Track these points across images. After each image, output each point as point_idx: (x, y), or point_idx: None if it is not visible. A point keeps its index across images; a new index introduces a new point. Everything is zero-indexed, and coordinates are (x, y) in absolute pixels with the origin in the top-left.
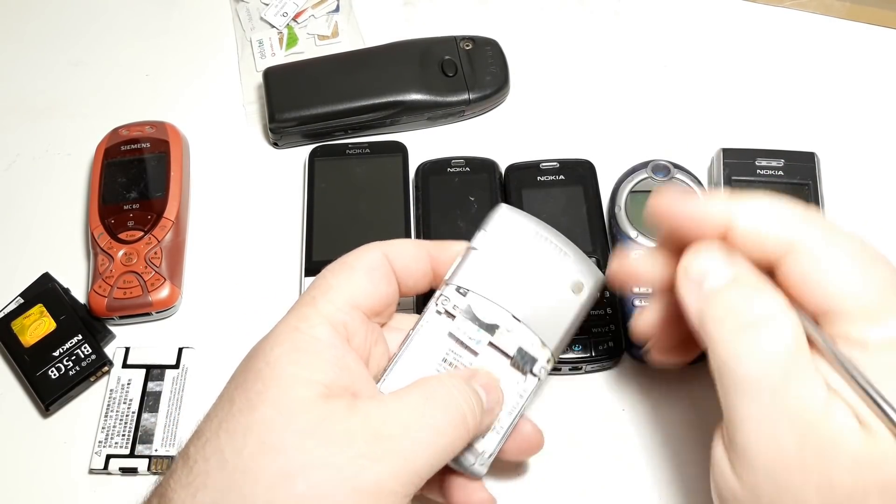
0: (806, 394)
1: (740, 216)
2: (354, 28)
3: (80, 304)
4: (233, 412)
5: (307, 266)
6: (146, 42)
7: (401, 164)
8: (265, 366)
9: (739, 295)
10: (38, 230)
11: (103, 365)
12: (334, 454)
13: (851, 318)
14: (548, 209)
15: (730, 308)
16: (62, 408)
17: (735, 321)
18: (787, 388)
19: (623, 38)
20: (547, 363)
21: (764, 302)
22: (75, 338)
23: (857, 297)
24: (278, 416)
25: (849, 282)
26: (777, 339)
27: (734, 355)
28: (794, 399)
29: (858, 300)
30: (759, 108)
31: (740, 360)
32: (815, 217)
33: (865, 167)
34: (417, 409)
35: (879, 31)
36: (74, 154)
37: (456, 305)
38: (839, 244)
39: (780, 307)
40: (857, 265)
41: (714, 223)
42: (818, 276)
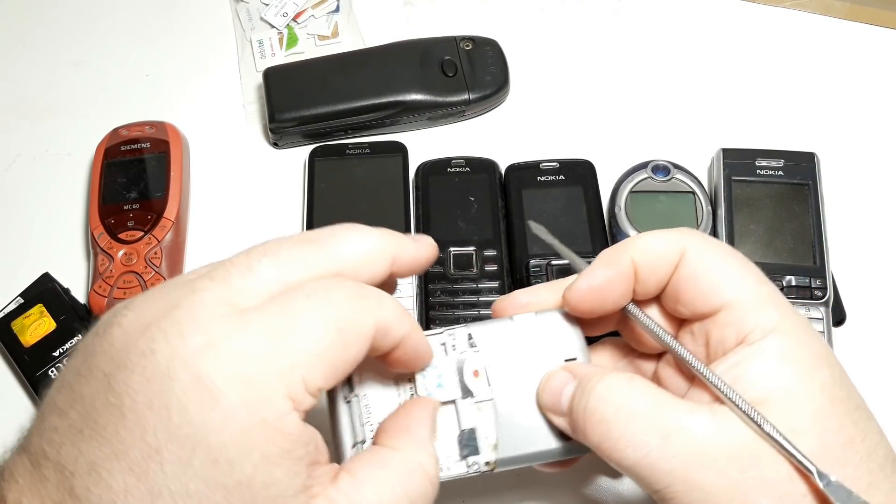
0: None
1: (637, 246)
2: (354, 28)
3: (80, 304)
4: None
5: None
6: (146, 42)
7: (401, 164)
8: None
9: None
10: (38, 230)
11: None
12: None
13: (742, 308)
14: (547, 209)
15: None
16: None
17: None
18: (676, 438)
19: (623, 38)
20: (485, 465)
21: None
22: (75, 338)
23: (742, 290)
24: None
25: (734, 277)
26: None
27: (622, 448)
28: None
29: (743, 293)
30: (759, 109)
31: (625, 453)
32: (691, 230)
33: (865, 167)
34: None
35: (879, 31)
36: (75, 154)
37: (455, 346)
38: (717, 247)
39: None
40: (735, 264)
41: (623, 269)
42: (707, 275)
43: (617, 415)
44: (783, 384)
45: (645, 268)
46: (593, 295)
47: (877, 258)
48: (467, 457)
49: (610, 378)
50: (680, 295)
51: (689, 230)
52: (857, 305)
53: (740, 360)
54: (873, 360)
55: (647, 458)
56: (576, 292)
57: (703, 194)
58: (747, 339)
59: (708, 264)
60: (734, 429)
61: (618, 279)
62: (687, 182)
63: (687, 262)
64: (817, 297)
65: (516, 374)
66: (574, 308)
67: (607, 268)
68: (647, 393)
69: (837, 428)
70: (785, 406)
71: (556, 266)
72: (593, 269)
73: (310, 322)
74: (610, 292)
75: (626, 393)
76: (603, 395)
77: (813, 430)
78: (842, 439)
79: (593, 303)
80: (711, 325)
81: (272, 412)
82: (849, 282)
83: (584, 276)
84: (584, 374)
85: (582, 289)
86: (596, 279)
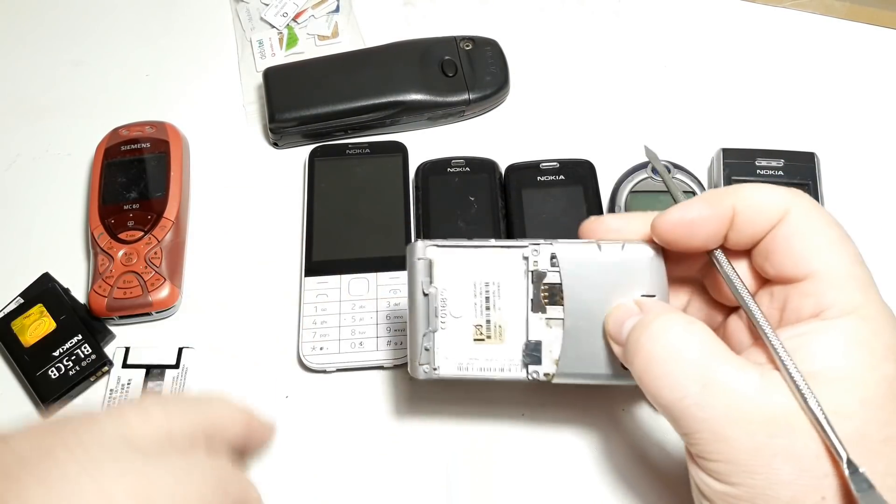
0: (738, 386)
1: (743, 194)
2: (354, 28)
3: (80, 304)
4: None
5: (307, 266)
6: (146, 42)
7: (401, 164)
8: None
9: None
10: (38, 230)
11: (103, 365)
12: None
13: (827, 282)
14: (547, 209)
15: (639, 350)
16: (62, 408)
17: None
18: (715, 389)
19: (623, 38)
20: (544, 375)
21: (660, 328)
22: (75, 338)
23: (833, 264)
24: None
25: (829, 249)
26: (690, 352)
27: (660, 387)
28: (729, 397)
29: (834, 267)
30: (759, 109)
31: (661, 391)
32: (802, 193)
33: (865, 167)
34: None
35: (879, 31)
36: (75, 154)
37: (537, 262)
38: (822, 217)
39: (676, 324)
40: (834, 237)
41: (721, 212)
42: (803, 241)
43: (663, 354)
44: (842, 364)
45: (744, 217)
46: (684, 228)
47: (877, 258)
48: (528, 365)
49: (668, 317)
50: (770, 254)
51: (799, 192)
52: None
53: (809, 331)
54: None
55: (682, 402)
56: (666, 222)
57: None
58: (824, 314)
59: (807, 230)
60: (777, 394)
61: (712, 219)
62: (687, 182)
63: (787, 223)
64: None
65: (592, 299)
66: (660, 237)
67: (705, 205)
68: (701, 340)
69: (884, 422)
70: (836, 385)
71: None
72: (691, 203)
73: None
74: (701, 230)
75: (679, 335)
76: (655, 332)
77: (858, 415)
78: (885, 434)
79: (682, 236)
80: (793, 292)
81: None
82: None
83: (679, 207)
84: (647, 308)
85: (673, 219)
86: (690, 213)
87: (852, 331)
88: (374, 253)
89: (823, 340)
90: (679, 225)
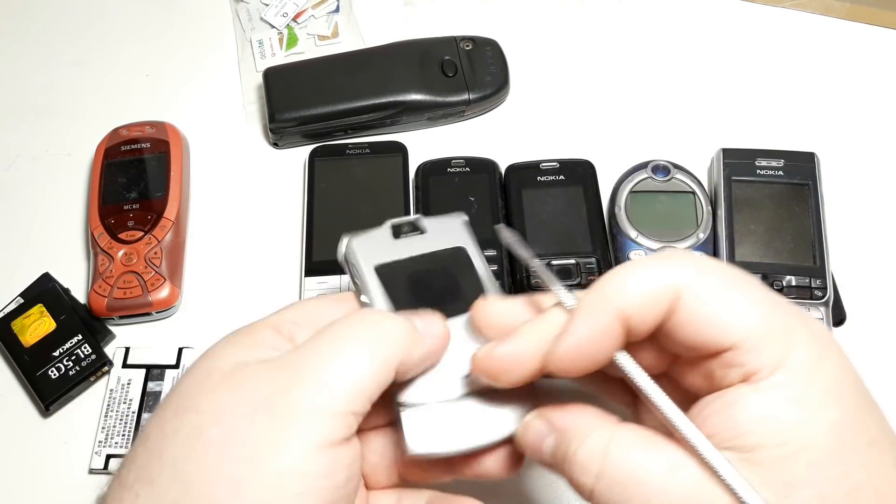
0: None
1: (624, 297)
2: (354, 28)
3: (80, 304)
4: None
5: (307, 266)
6: (146, 42)
7: (401, 164)
8: None
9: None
10: (38, 230)
11: (103, 365)
12: (246, 394)
13: (747, 348)
14: (548, 209)
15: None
16: (62, 408)
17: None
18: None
19: (623, 38)
20: None
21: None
22: (75, 338)
23: (747, 327)
24: (192, 382)
25: (738, 314)
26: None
27: None
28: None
29: (749, 330)
30: (759, 109)
31: None
32: (686, 256)
33: (865, 167)
34: (330, 331)
35: (879, 31)
36: (75, 154)
37: None
38: (718, 281)
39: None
40: (739, 297)
41: (606, 328)
42: (707, 318)
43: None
44: (778, 429)
45: (635, 318)
46: (578, 362)
47: (877, 258)
48: None
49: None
50: (676, 338)
51: (682, 259)
52: (858, 305)
53: (735, 400)
54: (874, 360)
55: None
56: (559, 361)
57: (703, 194)
58: (751, 379)
59: (707, 305)
60: (684, 472)
61: (603, 337)
62: (687, 182)
63: (683, 303)
64: (817, 297)
65: None
66: (559, 374)
67: (590, 324)
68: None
69: (841, 476)
70: (778, 455)
71: (556, 266)
72: (575, 329)
73: None
74: (596, 352)
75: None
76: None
77: (810, 481)
78: (846, 488)
79: (579, 366)
80: (714, 363)
81: None
82: (849, 282)
83: (566, 339)
84: (563, 427)
85: (565, 358)
86: (577, 342)
87: (781, 389)
88: None
89: (751, 408)
90: (573, 362)
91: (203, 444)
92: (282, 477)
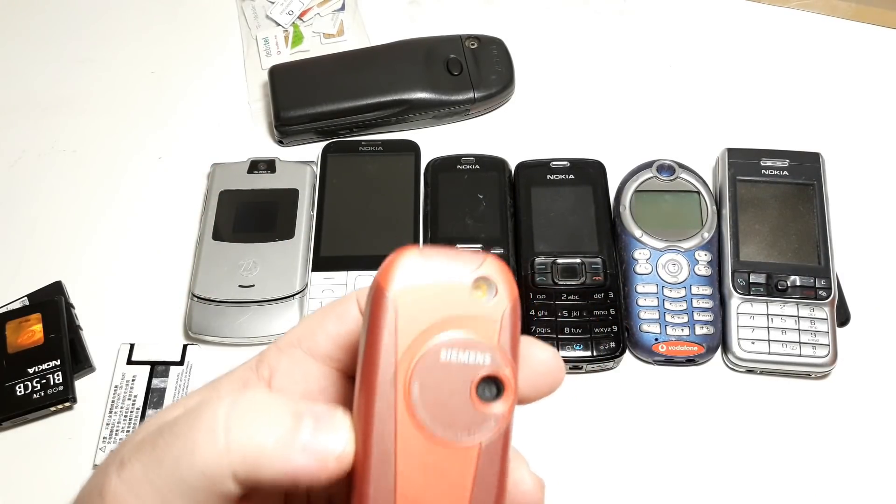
0: None
1: None
2: (360, 26)
3: (76, 324)
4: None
5: (314, 261)
6: (152, 40)
7: (413, 163)
8: None
9: None
10: (42, 226)
11: (66, 400)
12: None
13: None
14: (556, 208)
15: None
16: (14, 427)
17: None
18: None
19: (628, 37)
20: None
21: None
22: (54, 361)
23: None
24: None
25: None
26: None
27: None
28: None
29: None
30: (765, 109)
31: None
32: None
33: (870, 168)
34: None
35: (885, 32)
36: (80, 151)
37: None
38: None
39: None
40: None
41: None
42: None
43: None
44: None
45: None
46: None
47: (881, 258)
48: None
49: None
50: None
51: None
52: (862, 305)
53: None
54: (877, 360)
55: None
56: None
57: (708, 194)
58: None
59: None
60: None
61: None
62: (692, 181)
63: None
64: (822, 297)
65: None
66: None
67: None
68: None
69: None
70: None
71: (560, 265)
72: None
73: None
74: None
75: None
76: None
77: None
78: None
79: None
80: None
81: None
82: (853, 282)
83: None
84: None
85: None
86: None
87: None
88: (382, 250)
89: None
90: None
91: None
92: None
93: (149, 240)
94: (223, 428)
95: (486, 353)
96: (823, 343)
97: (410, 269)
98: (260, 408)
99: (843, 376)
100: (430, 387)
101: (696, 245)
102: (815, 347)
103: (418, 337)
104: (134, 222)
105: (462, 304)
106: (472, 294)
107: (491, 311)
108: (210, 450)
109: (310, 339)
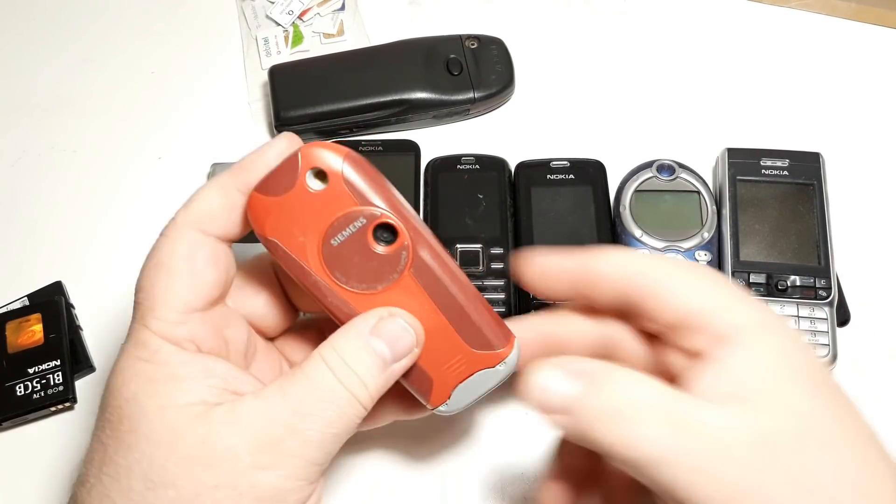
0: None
1: (602, 260)
2: (360, 26)
3: (76, 325)
4: (109, 455)
5: None
6: (152, 40)
7: (412, 162)
8: (125, 403)
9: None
10: (43, 226)
11: (66, 400)
12: (224, 474)
13: (700, 330)
14: (556, 208)
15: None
16: (14, 427)
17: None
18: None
19: (629, 37)
20: None
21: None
22: (54, 362)
23: (701, 311)
24: (157, 450)
25: (695, 298)
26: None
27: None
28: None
29: (707, 299)
30: (765, 109)
31: (629, 448)
32: (660, 255)
33: (871, 168)
34: (302, 403)
35: (885, 31)
36: (80, 151)
37: None
38: (686, 269)
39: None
40: (700, 283)
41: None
42: (669, 296)
43: (634, 412)
44: (747, 389)
45: (609, 282)
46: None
47: (882, 258)
48: None
49: (621, 374)
50: (651, 313)
51: (656, 256)
52: (862, 306)
53: (724, 356)
54: (877, 360)
55: (667, 455)
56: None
57: (708, 194)
58: (723, 342)
59: (671, 279)
60: (744, 418)
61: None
62: (692, 181)
63: (650, 282)
64: (822, 297)
65: None
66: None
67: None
68: (658, 389)
69: (779, 473)
70: (731, 413)
71: None
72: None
73: None
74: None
75: (641, 390)
76: (617, 393)
77: (741, 460)
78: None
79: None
80: (688, 336)
81: None
82: (853, 282)
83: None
84: (590, 370)
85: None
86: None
87: (762, 353)
88: None
89: (730, 366)
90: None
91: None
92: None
93: (149, 240)
94: None
95: (359, 219)
96: (823, 343)
97: (264, 212)
98: None
99: (843, 376)
100: (345, 266)
101: (696, 245)
102: (815, 347)
103: (310, 238)
104: (134, 222)
105: (312, 204)
106: (313, 192)
107: (333, 187)
108: None
109: (198, 301)
